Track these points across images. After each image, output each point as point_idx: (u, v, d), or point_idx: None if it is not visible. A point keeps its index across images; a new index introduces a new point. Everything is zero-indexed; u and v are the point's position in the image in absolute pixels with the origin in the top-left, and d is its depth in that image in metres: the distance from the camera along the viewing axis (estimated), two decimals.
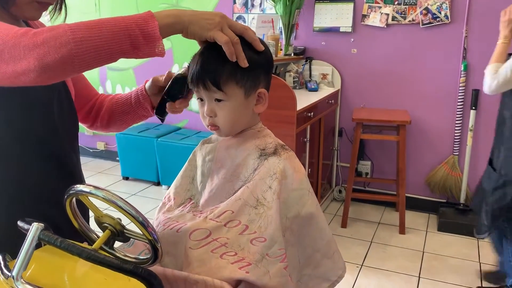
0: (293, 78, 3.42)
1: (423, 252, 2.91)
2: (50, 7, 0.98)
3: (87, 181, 1.04)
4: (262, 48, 0.92)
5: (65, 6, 1.02)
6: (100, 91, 4.61)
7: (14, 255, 0.72)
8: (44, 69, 0.72)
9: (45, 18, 1.00)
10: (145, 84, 1.13)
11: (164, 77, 1.05)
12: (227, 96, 0.91)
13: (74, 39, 0.73)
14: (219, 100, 0.91)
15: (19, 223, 0.74)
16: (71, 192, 0.78)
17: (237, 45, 0.85)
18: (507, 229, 2.23)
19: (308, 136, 3.04)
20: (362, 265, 2.75)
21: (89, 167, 4.52)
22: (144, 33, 0.77)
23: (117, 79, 4.49)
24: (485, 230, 2.25)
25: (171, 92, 1.00)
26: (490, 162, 2.30)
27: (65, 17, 1.00)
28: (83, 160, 4.80)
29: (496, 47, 2.25)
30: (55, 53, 0.72)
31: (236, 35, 0.85)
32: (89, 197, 0.80)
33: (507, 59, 2.16)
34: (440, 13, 3.14)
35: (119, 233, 0.81)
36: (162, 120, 1.08)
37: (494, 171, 2.22)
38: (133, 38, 0.77)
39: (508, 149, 2.16)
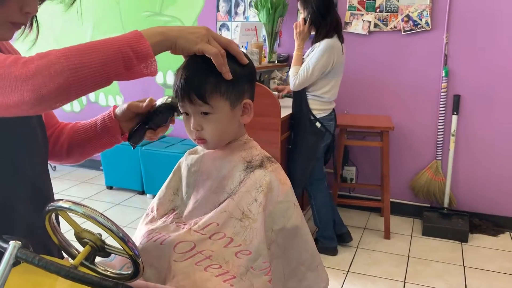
0: (277, 85, 3.42)
1: (408, 256, 2.93)
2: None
3: (71, 190, 1.02)
4: (246, 61, 0.92)
5: (37, 24, 0.97)
6: (84, 100, 4.56)
7: None
8: (39, 101, 0.69)
9: (14, 36, 0.93)
10: (113, 110, 1.06)
11: (145, 104, 1.00)
12: (213, 109, 0.90)
13: (69, 66, 0.70)
14: (205, 113, 0.91)
15: None
16: (50, 208, 0.77)
17: (223, 57, 0.86)
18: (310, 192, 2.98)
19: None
20: (348, 271, 2.75)
21: (72, 176, 4.46)
22: (137, 54, 0.76)
23: None
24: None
25: (155, 120, 0.97)
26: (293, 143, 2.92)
27: (37, 35, 0.95)
28: (67, 169, 4.77)
29: (294, 53, 2.82)
30: (50, 82, 0.68)
31: None
32: (68, 213, 0.79)
33: (303, 62, 2.75)
34: (421, 20, 3.19)
35: (100, 249, 0.80)
36: (134, 147, 1.03)
37: (294, 151, 2.90)
38: (126, 59, 0.75)
39: (301, 136, 2.82)
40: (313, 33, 2.79)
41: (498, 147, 3.21)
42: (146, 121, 0.98)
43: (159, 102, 0.97)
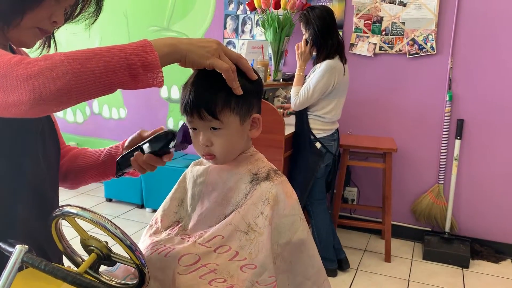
0: (282, 103, 3.43)
1: (409, 280, 2.90)
2: (38, 43, 0.95)
3: (70, 201, 1.01)
4: (255, 77, 0.92)
5: (55, 43, 0.98)
6: (87, 111, 4.57)
7: None
8: (38, 102, 0.68)
9: (34, 54, 0.95)
10: (124, 141, 1.07)
11: (153, 130, 1.00)
12: (223, 124, 0.90)
13: (72, 69, 0.69)
14: (215, 129, 0.90)
15: (1, 245, 0.71)
16: (57, 213, 0.76)
17: (234, 73, 0.85)
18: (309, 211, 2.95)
19: None
20: None
21: None
22: (144, 64, 0.75)
23: (103, 99, 4.45)
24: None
25: (147, 144, 0.94)
26: (294, 162, 2.92)
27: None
28: None
29: (296, 74, 2.87)
30: (51, 84, 0.67)
31: None
32: (75, 219, 0.78)
33: (304, 82, 2.79)
34: (426, 44, 3.22)
35: (106, 257, 0.79)
36: (117, 175, 1.00)
37: (294, 170, 2.90)
38: (132, 68, 0.74)
39: (301, 155, 2.84)
40: (315, 54, 2.83)
41: (501, 173, 3.20)
42: (140, 145, 0.95)
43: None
